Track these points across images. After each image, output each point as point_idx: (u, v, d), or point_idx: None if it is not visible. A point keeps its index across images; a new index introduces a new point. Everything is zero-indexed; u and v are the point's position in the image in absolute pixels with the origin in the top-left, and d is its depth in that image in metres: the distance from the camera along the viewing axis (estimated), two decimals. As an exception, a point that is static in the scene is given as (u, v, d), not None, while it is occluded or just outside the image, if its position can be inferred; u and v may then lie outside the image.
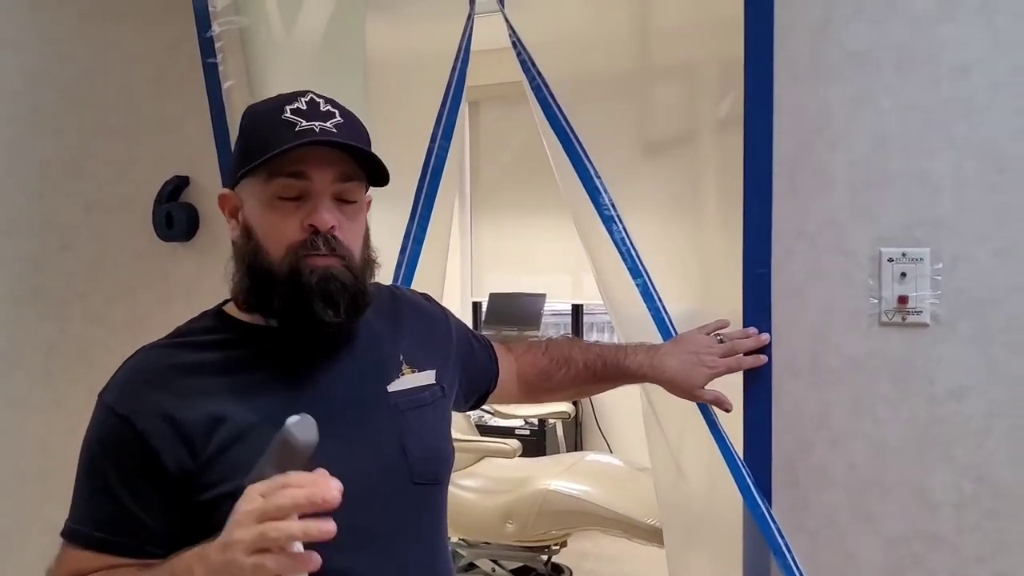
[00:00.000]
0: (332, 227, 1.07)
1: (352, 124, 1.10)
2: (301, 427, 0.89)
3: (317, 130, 1.05)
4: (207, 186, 2.17)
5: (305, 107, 1.07)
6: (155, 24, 2.23)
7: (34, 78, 2.40)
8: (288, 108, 1.06)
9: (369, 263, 1.15)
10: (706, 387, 1.48)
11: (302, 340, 1.10)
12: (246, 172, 1.08)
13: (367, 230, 1.17)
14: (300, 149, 1.04)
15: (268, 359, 1.10)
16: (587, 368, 1.51)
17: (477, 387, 1.43)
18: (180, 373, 1.06)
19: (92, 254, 2.35)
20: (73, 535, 1.05)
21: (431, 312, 1.38)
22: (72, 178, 2.36)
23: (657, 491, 1.79)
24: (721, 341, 1.51)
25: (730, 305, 1.56)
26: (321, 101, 1.09)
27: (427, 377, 1.22)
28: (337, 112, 1.09)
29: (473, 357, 1.41)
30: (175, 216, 2.18)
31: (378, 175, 1.13)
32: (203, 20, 1.88)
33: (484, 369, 1.44)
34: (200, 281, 2.19)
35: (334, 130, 1.06)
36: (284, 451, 0.89)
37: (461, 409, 1.41)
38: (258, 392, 1.07)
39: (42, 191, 2.40)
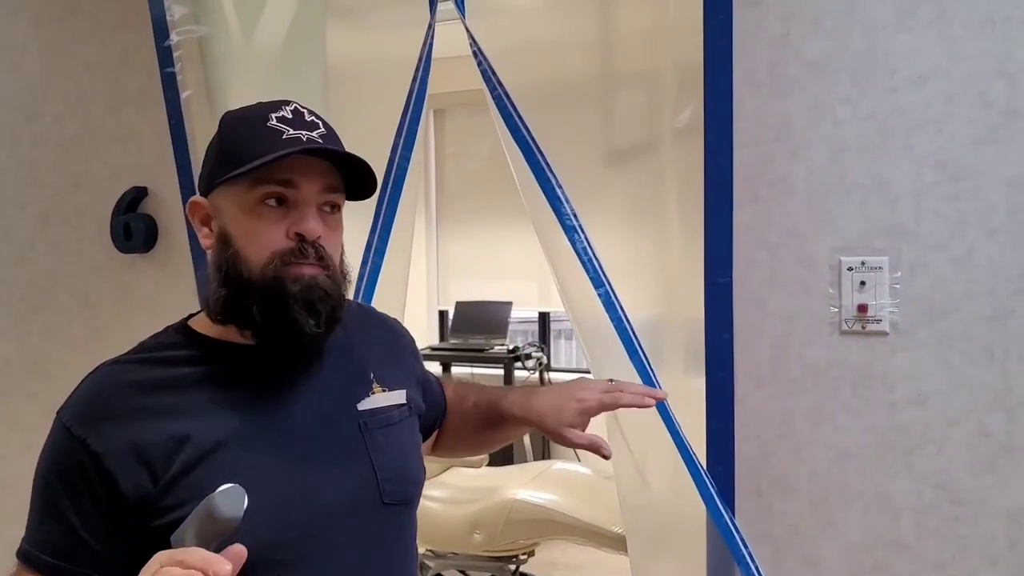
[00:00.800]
0: (319, 236, 1.05)
1: (334, 136, 1.09)
2: (227, 499, 0.85)
3: (304, 139, 1.03)
4: (166, 197, 2.14)
5: (291, 116, 1.05)
6: (110, 33, 2.20)
7: (-14, 88, 2.36)
8: (273, 116, 1.05)
9: (345, 276, 1.13)
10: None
11: (271, 356, 1.07)
12: (227, 178, 1.04)
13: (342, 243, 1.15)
14: (290, 157, 1.02)
15: (235, 376, 1.06)
16: (476, 408, 1.39)
17: (430, 418, 1.36)
18: (142, 392, 1.02)
19: (48, 267, 2.31)
20: (27, 557, 1.02)
21: (398, 332, 1.35)
22: (27, 189, 2.32)
23: (621, 500, 1.79)
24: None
25: (692, 313, 1.56)
26: (305, 111, 1.08)
27: (397, 396, 1.19)
28: (320, 123, 1.08)
29: (430, 386, 1.36)
30: (133, 227, 2.14)
31: (360, 188, 1.11)
32: (161, 29, 1.86)
33: (435, 403, 1.38)
34: (160, 293, 2.16)
35: (319, 140, 1.05)
36: (205, 519, 0.86)
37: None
38: (224, 411, 1.03)
39: (-5, 203, 2.36)
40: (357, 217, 1.71)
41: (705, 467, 1.53)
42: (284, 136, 1.03)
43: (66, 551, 0.99)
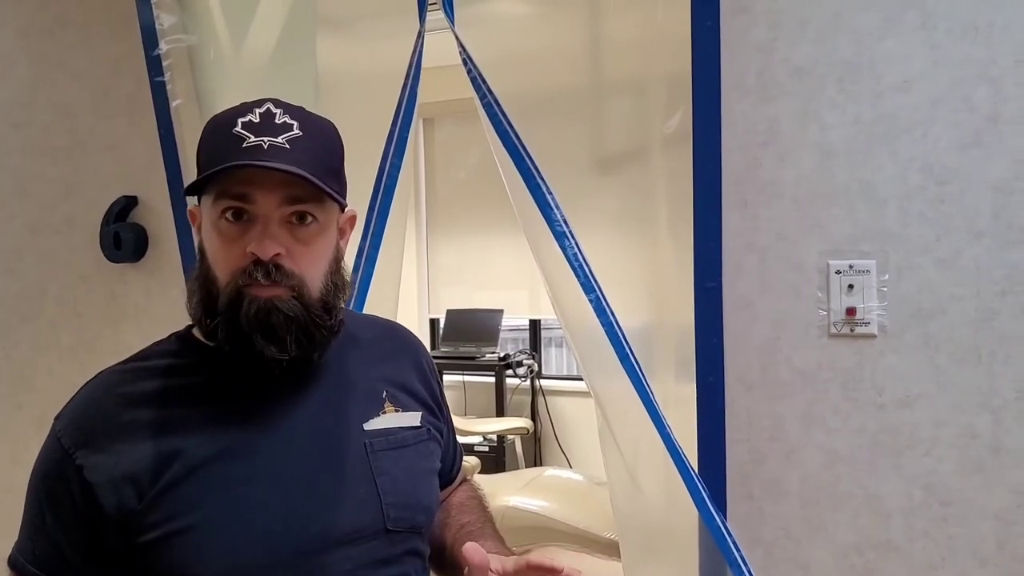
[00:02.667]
0: (276, 255, 0.97)
1: (315, 137, 1.01)
2: None
3: (265, 146, 0.95)
4: (156, 206, 2.13)
5: (258, 119, 0.97)
6: (99, 42, 2.20)
7: (-26, 98, 2.35)
8: (240, 121, 0.97)
9: (337, 287, 1.05)
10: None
11: (264, 369, 1.00)
12: (195, 189, 0.99)
13: (337, 250, 1.07)
14: (242, 170, 0.94)
15: (231, 387, 1.01)
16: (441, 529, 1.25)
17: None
18: (133, 404, 0.98)
19: (37, 277, 2.30)
20: (14, 564, 1.00)
21: (420, 353, 1.23)
22: (15, 199, 2.31)
23: (613, 505, 1.79)
24: None
25: (682, 319, 1.56)
26: (279, 112, 0.99)
27: (411, 419, 1.11)
28: (296, 124, 0.98)
29: (447, 440, 1.24)
30: (123, 237, 2.14)
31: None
32: (150, 38, 1.86)
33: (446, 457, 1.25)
34: (150, 302, 2.16)
35: (286, 146, 0.96)
36: None
37: None
38: (217, 425, 0.99)
39: (-16, 213, 2.35)
40: (348, 224, 1.72)
41: (696, 471, 1.53)
42: (244, 144, 0.95)
43: (50, 564, 0.97)
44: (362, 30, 1.97)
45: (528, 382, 4.60)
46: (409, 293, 4.80)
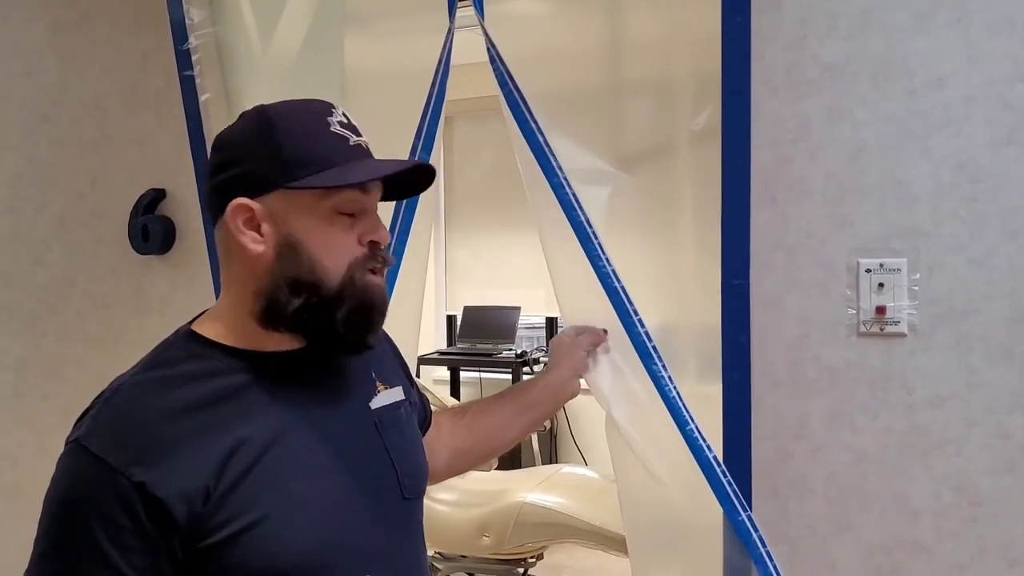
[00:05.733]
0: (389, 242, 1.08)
1: None
2: None
3: (365, 145, 1.05)
4: (184, 199, 2.15)
5: (345, 120, 1.05)
6: (127, 36, 2.21)
7: (4, 90, 2.37)
8: (333, 121, 1.03)
9: None
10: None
11: (292, 362, 1.05)
12: (302, 187, 1.00)
13: None
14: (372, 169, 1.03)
15: (260, 385, 1.03)
16: (481, 413, 1.53)
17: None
18: (177, 416, 0.97)
19: (65, 269, 2.32)
20: None
21: (384, 334, 1.29)
22: (44, 191, 2.33)
23: (622, 503, 1.78)
24: None
25: (707, 318, 1.56)
26: (347, 115, 1.07)
27: (398, 393, 1.19)
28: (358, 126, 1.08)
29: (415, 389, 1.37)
30: (151, 229, 2.15)
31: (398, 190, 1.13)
32: (180, 32, 1.87)
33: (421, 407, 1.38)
34: (176, 295, 2.17)
35: (368, 147, 1.06)
36: None
37: None
38: (258, 421, 1.00)
39: (13, 204, 2.37)
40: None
41: (723, 468, 1.53)
42: (350, 143, 1.02)
43: None
44: (388, 27, 1.98)
45: (545, 379, 4.60)
46: (427, 289, 4.79)
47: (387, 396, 1.16)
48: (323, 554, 1.00)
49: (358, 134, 1.04)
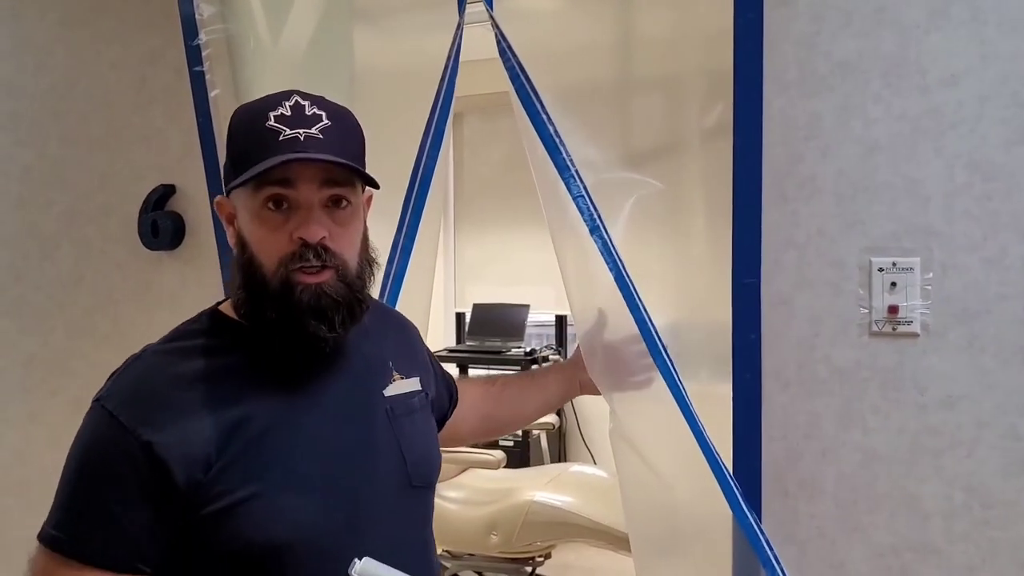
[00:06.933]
0: (322, 238, 1.04)
1: (341, 125, 1.08)
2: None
3: (302, 138, 1.02)
4: (193, 195, 2.15)
5: (290, 112, 1.04)
6: (136, 32, 2.21)
7: (13, 86, 2.38)
8: (272, 115, 1.04)
9: (368, 264, 1.14)
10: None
11: (304, 346, 1.08)
12: (234, 185, 1.06)
13: (365, 229, 1.16)
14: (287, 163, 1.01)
15: (271, 363, 1.08)
16: (509, 386, 1.63)
17: (440, 408, 1.42)
18: (188, 383, 1.03)
19: (74, 264, 2.32)
20: (55, 543, 1.00)
21: (404, 322, 1.40)
22: (53, 187, 2.34)
23: (625, 505, 1.77)
24: None
25: (716, 316, 1.55)
26: (307, 104, 1.06)
27: (413, 383, 1.23)
28: (325, 114, 1.06)
29: (440, 375, 1.43)
30: (161, 225, 2.16)
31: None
32: (190, 28, 1.87)
33: (446, 392, 1.45)
34: (184, 291, 2.17)
35: (320, 136, 1.03)
36: None
37: None
38: (266, 399, 1.06)
39: (22, 201, 2.37)
40: (384, 216, 1.72)
41: (731, 469, 1.52)
42: (281, 137, 1.02)
43: (108, 541, 0.99)
44: (397, 23, 1.97)
45: (554, 377, 4.58)
46: (436, 286, 4.79)
47: (402, 386, 1.20)
48: (320, 533, 1.02)
49: (305, 125, 1.03)
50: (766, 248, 1.52)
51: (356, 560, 0.97)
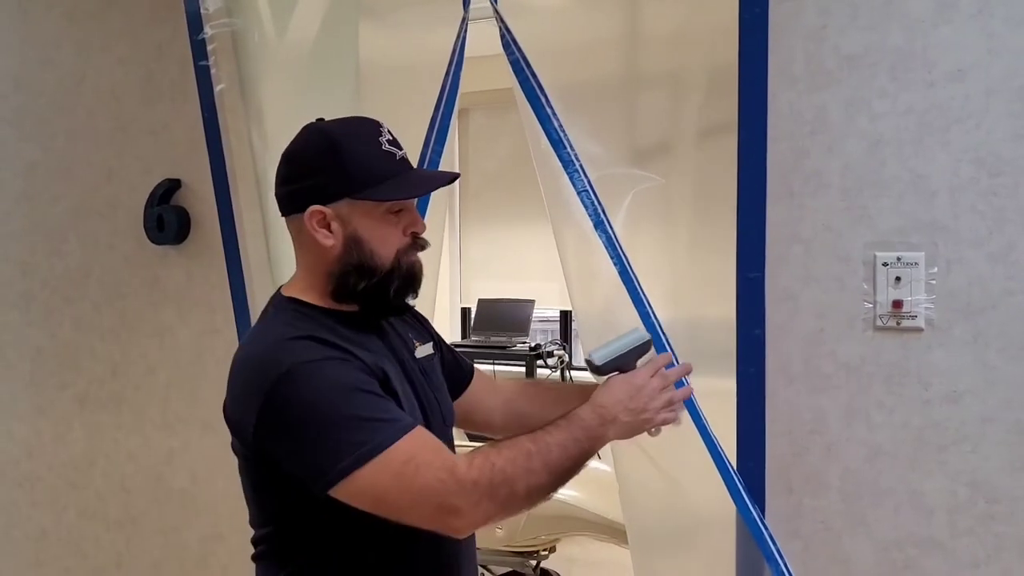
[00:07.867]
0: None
1: None
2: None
3: (407, 158, 1.30)
4: (199, 189, 2.15)
5: (390, 137, 1.29)
6: (143, 27, 2.22)
7: (20, 81, 2.39)
8: (382, 140, 1.27)
9: None
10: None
11: (367, 319, 1.33)
12: (363, 198, 1.25)
13: None
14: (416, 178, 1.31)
15: (354, 333, 1.29)
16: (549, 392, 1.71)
17: (452, 379, 1.57)
18: (336, 336, 1.24)
19: (81, 259, 2.33)
20: (368, 454, 1.14)
21: (422, 317, 1.58)
22: (60, 182, 2.35)
23: (623, 499, 1.78)
24: None
25: (721, 312, 1.55)
26: (391, 132, 1.30)
27: (430, 348, 1.47)
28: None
29: (448, 351, 1.59)
30: (166, 219, 2.16)
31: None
32: (195, 23, 1.87)
33: (457, 367, 1.60)
34: (191, 284, 2.17)
35: (407, 157, 1.32)
36: (642, 350, 1.36)
37: None
38: (377, 360, 1.26)
39: (29, 195, 2.38)
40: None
41: (735, 463, 1.52)
42: (397, 158, 1.28)
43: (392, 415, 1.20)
44: (402, 18, 1.97)
45: (559, 372, 4.59)
46: (441, 282, 4.79)
47: (423, 350, 1.44)
48: None
49: (400, 148, 1.30)
50: (771, 243, 1.52)
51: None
